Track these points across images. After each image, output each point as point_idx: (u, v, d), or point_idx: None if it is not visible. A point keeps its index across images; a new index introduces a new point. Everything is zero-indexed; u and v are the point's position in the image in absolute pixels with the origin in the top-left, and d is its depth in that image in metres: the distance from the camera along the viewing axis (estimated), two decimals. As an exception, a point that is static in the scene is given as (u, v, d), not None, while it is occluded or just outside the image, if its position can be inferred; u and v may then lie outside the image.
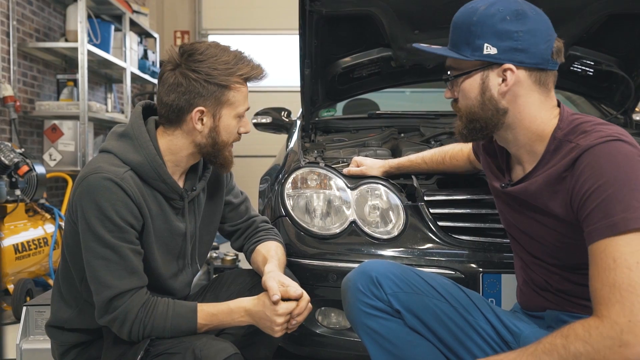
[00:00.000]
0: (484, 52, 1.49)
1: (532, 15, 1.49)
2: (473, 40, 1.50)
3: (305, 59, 2.67)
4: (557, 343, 1.28)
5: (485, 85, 1.52)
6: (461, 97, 1.58)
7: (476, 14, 1.50)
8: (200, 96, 1.69)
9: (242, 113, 1.76)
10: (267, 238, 1.99)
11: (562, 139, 1.47)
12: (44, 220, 4.02)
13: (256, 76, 1.76)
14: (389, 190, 2.22)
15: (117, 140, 1.73)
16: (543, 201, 1.50)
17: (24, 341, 2.34)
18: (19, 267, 3.68)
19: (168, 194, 1.75)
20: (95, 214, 1.62)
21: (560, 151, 1.47)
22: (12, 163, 3.60)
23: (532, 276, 1.63)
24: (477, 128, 1.56)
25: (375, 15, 2.68)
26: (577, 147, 1.42)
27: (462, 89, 1.56)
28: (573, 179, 1.40)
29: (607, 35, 2.76)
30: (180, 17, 8.06)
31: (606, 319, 1.24)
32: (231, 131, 1.75)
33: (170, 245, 1.79)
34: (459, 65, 1.56)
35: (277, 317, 1.66)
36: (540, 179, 1.50)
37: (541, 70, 1.50)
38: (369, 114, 3.23)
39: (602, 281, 1.28)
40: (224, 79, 1.70)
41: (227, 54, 1.72)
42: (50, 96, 5.35)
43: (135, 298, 1.65)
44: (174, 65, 1.70)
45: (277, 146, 3.35)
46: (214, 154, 1.76)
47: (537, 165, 1.53)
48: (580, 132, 1.45)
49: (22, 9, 4.91)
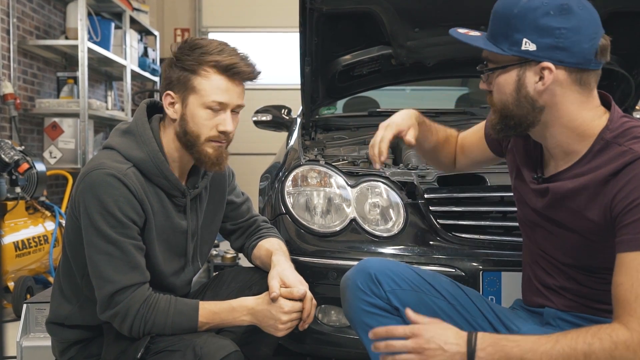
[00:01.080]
0: (522, 48, 1.41)
1: (578, 11, 1.39)
2: (512, 34, 1.42)
3: (306, 57, 2.67)
4: (579, 349, 1.27)
5: (521, 82, 1.44)
6: (496, 91, 1.50)
7: (518, 6, 1.41)
8: (170, 80, 1.70)
9: (212, 105, 1.67)
10: (268, 235, 1.99)
11: (611, 140, 1.41)
12: (44, 217, 4.03)
13: (233, 67, 1.67)
14: (389, 188, 2.22)
15: (120, 137, 1.73)
16: (580, 202, 1.44)
17: (25, 339, 2.34)
18: (20, 265, 3.68)
19: (170, 191, 1.75)
20: (97, 209, 1.62)
21: (607, 153, 1.41)
22: (12, 161, 3.60)
23: (538, 273, 1.62)
24: (511, 125, 1.49)
25: (376, 12, 2.67)
26: (629, 152, 1.36)
27: (497, 83, 1.48)
28: (618, 184, 1.36)
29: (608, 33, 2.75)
30: (181, 15, 8.05)
31: (635, 332, 1.25)
32: (200, 122, 1.68)
33: (172, 242, 1.79)
34: (495, 58, 1.48)
35: (282, 314, 1.66)
36: (583, 180, 1.43)
37: (582, 70, 1.42)
38: (370, 112, 3.23)
39: (636, 295, 1.27)
40: (191, 64, 1.67)
41: (215, 45, 1.69)
42: (51, 94, 5.34)
43: (138, 294, 1.65)
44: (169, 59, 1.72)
45: (277, 144, 3.35)
46: (189, 146, 1.71)
47: (576, 164, 1.46)
48: (632, 136, 1.39)
49: (22, 6, 4.91)
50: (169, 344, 1.64)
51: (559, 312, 1.56)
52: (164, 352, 1.64)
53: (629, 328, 1.25)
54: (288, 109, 3.49)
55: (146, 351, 1.65)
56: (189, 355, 1.58)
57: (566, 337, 1.29)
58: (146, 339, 1.65)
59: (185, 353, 1.59)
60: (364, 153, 2.51)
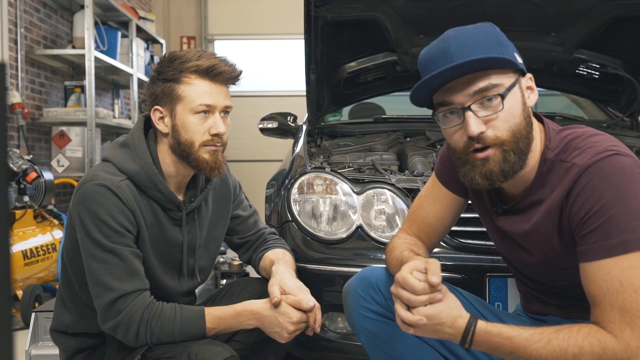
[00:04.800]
0: (518, 61, 1.40)
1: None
2: (504, 50, 1.37)
3: (311, 64, 2.68)
4: (569, 352, 1.27)
5: (523, 97, 1.39)
6: (503, 121, 1.35)
7: (494, 29, 1.40)
8: (155, 95, 1.71)
9: (200, 109, 1.68)
10: (275, 246, 1.99)
11: (555, 159, 1.40)
12: (52, 226, 4.04)
13: (213, 68, 1.68)
14: (395, 195, 2.22)
15: (117, 150, 1.75)
16: (545, 230, 1.44)
17: (33, 347, 2.35)
18: (28, 273, 3.70)
19: (165, 204, 1.75)
20: (92, 219, 1.63)
21: (555, 172, 1.40)
22: (20, 170, 3.62)
23: (534, 293, 1.63)
24: (514, 160, 1.37)
25: (381, 20, 2.68)
26: (573, 166, 1.35)
27: (509, 107, 1.36)
28: (570, 200, 1.35)
29: (613, 38, 2.76)
30: (187, 23, 8.09)
31: (620, 340, 1.26)
32: (191, 129, 1.69)
33: (166, 255, 1.79)
34: (500, 80, 1.36)
35: (290, 324, 1.67)
36: (542, 208, 1.42)
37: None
38: (375, 119, 3.23)
39: (611, 304, 1.27)
40: (172, 73, 1.69)
41: (193, 53, 1.70)
42: (58, 103, 5.37)
43: (139, 301, 1.65)
44: None
45: (283, 151, 3.36)
46: (185, 156, 1.72)
47: (530, 188, 1.45)
48: (572, 149, 1.38)
49: (29, 16, 4.94)
50: (165, 351, 1.64)
51: (563, 320, 1.56)
52: (160, 359, 1.64)
53: (615, 335, 1.26)
54: (294, 116, 3.50)
55: (142, 359, 1.66)
56: None
57: (558, 338, 1.29)
58: (144, 346, 1.66)
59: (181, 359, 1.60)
60: (369, 160, 2.51)
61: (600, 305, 1.29)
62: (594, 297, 1.31)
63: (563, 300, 1.56)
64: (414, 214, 1.72)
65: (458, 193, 1.67)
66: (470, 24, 1.43)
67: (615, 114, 3.22)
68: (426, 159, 2.51)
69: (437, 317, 1.31)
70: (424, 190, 1.74)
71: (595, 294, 1.31)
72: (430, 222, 1.69)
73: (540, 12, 2.64)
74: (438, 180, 1.69)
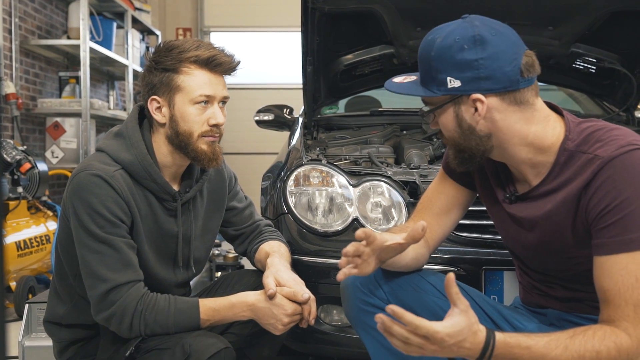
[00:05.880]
0: (449, 86, 1.42)
1: (492, 38, 1.39)
2: (436, 75, 1.43)
3: (308, 57, 2.67)
4: (587, 358, 1.26)
5: (459, 117, 1.44)
6: (442, 130, 1.51)
7: (433, 48, 1.43)
8: (152, 85, 1.70)
9: (200, 99, 1.69)
10: (270, 238, 1.99)
11: (575, 150, 1.41)
12: (46, 217, 4.03)
13: (213, 59, 1.69)
14: (391, 188, 2.22)
15: (111, 140, 1.74)
16: (559, 219, 1.44)
17: (26, 338, 2.34)
18: (21, 265, 3.68)
19: (160, 194, 1.74)
20: (85, 210, 1.63)
21: (574, 163, 1.40)
22: (14, 160, 3.60)
23: (534, 284, 1.63)
24: (467, 158, 1.49)
25: (378, 12, 2.67)
26: (595, 158, 1.36)
27: (440, 122, 1.49)
28: (591, 192, 1.36)
29: (610, 32, 2.75)
30: (182, 15, 8.05)
31: (634, 338, 1.26)
32: (190, 119, 1.69)
33: (161, 246, 1.78)
34: (431, 100, 1.49)
35: (285, 316, 1.67)
36: (559, 197, 1.43)
37: (513, 91, 1.41)
38: (371, 111, 3.23)
39: (625, 299, 1.27)
40: (171, 63, 1.68)
41: (192, 42, 1.70)
42: (53, 93, 5.35)
43: (133, 291, 1.64)
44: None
45: (279, 143, 3.35)
46: (183, 146, 1.71)
47: (546, 178, 1.46)
48: (594, 141, 1.39)
49: (24, 6, 4.91)
50: (158, 343, 1.64)
51: (563, 313, 1.56)
52: (154, 350, 1.64)
53: (629, 334, 1.26)
54: (290, 108, 3.48)
55: (136, 350, 1.66)
56: (179, 353, 1.58)
57: (574, 343, 1.28)
58: (138, 337, 1.65)
59: (175, 351, 1.59)
60: (365, 152, 2.51)
61: (614, 301, 1.29)
62: (607, 291, 1.31)
63: (565, 292, 1.55)
64: (420, 205, 1.74)
65: (466, 185, 1.69)
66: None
67: (611, 108, 3.22)
68: (422, 151, 2.50)
69: (460, 334, 1.27)
70: (432, 184, 1.76)
71: (609, 288, 1.30)
72: (436, 213, 1.70)
73: (537, 6, 2.64)
74: (446, 174, 1.71)
